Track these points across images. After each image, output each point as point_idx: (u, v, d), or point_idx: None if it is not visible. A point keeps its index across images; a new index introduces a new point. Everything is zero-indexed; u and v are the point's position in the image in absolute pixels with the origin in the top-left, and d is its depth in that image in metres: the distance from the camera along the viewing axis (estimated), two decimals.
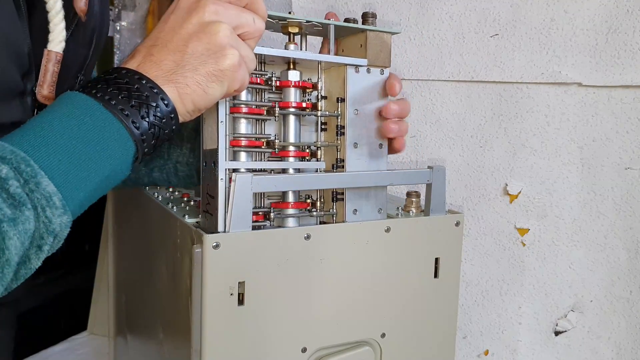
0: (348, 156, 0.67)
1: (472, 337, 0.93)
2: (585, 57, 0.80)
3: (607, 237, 0.82)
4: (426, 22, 0.93)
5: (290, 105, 0.66)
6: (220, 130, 0.61)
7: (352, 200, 0.67)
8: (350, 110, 0.67)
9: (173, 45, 0.52)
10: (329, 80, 0.69)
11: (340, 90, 0.68)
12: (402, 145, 0.70)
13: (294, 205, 0.65)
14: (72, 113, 0.47)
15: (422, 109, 0.96)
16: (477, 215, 0.91)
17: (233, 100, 0.63)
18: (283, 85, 0.66)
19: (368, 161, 0.68)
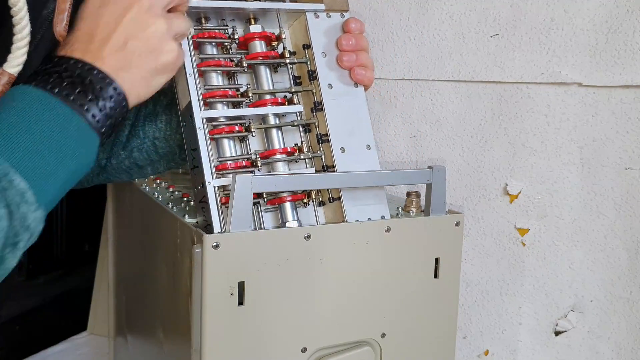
0: (325, 98, 0.67)
1: (472, 337, 0.93)
2: (586, 57, 0.80)
3: (607, 237, 0.82)
4: (426, 22, 0.93)
5: (258, 56, 0.67)
6: (190, 83, 0.63)
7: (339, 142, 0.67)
8: (318, 53, 0.68)
9: (113, 43, 0.53)
10: (294, 36, 0.71)
11: (305, 38, 0.69)
12: (363, 77, 0.69)
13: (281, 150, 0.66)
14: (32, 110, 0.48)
15: (422, 109, 0.96)
16: (477, 216, 0.91)
17: (199, 55, 0.65)
18: (247, 39, 0.67)
19: (346, 100, 0.69)
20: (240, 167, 0.64)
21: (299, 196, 0.66)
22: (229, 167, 0.64)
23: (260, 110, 0.66)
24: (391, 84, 0.98)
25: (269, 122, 0.67)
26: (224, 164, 0.64)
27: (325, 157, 0.68)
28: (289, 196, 0.65)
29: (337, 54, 0.69)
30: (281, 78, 0.70)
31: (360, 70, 0.69)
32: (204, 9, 0.66)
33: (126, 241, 0.93)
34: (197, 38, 0.65)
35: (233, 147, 0.65)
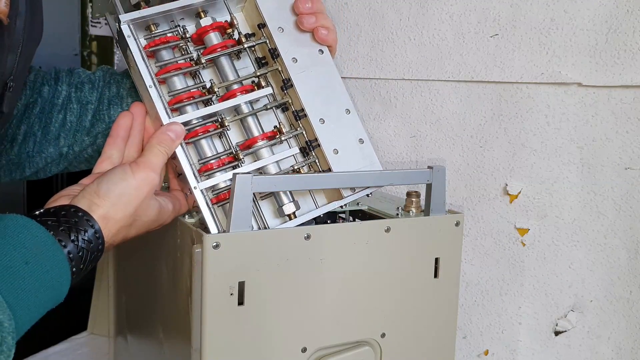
0: (292, 73, 0.66)
1: (472, 337, 0.93)
2: (585, 57, 0.80)
3: (607, 237, 0.82)
4: (426, 22, 0.93)
5: (216, 48, 0.65)
6: (152, 95, 0.62)
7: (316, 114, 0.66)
8: (274, 30, 0.67)
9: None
10: (248, 18, 0.69)
11: (259, 17, 0.67)
12: (327, 37, 0.69)
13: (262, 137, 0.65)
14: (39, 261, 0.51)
15: (422, 109, 0.96)
16: (477, 216, 0.91)
17: (156, 63, 0.65)
18: (200, 35, 0.66)
19: (314, 70, 0.67)
20: (224, 165, 0.64)
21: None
22: (213, 166, 0.64)
23: (230, 102, 0.65)
24: (391, 84, 0.98)
25: (243, 112, 0.66)
26: (206, 164, 0.64)
27: (306, 132, 0.67)
28: None
29: (293, 24, 0.68)
30: (245, 64, 0.69)
31: (322, 30, 0.69)
32: (151, 17, 0.65)
33: (126, 241, 0.93)
34: (150, 47, 0.64)
35: (213, 145, 0.65)
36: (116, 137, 0.66)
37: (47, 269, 0.50)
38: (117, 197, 0.57)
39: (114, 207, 0.57)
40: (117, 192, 0.57)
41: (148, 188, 0.59)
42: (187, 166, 0.62)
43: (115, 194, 0.57)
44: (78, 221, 0.54)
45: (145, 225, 0.61)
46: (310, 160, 0.68)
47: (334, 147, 0.67)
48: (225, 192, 0.64)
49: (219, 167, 0.64)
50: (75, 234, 0.53)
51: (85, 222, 0.55)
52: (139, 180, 0.59)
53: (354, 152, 0.68)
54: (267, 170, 0.66)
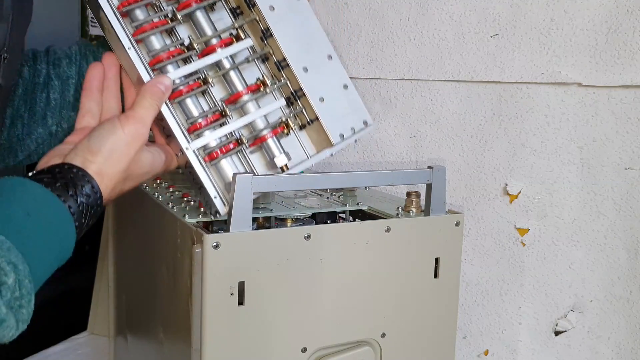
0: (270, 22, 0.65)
1: (472, 337, 0.93)
2: (585, 57, 0.80)
3: (607, 237, 0.82)
4: (426, 22, 0.93)
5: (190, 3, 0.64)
6: (132, 56, 0.61)
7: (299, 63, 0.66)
8: None
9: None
10: None
11: None
12: None
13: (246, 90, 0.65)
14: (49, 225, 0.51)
15: (422, 109, 0.96)
16: (477, 215, 0.91)
17: (133, 24, 0.63)
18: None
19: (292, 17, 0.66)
20: (212, 122, 0.63)
21: (278, 130, 0.66)
22: (201, 125, 0.63)
23: (211, 58, 0.64)
24: (391, 84, 0.98)
25: (224, 67, 0.65)
26: (194, 124, 0.63)
27: (290, 82, 0.67)
28: (269, 132, 0.65)
29: None
30: (220, 15, 0.67)
31: None
32: None
33: (126, 241, 0.93)
34: (123, 7, 0.62)
35: (198, 104, 0.64)
36: (90, 89, 0.65)
37: (49, 219, 0.50)
38: (109, 152, 0.57)
39: (107, 163, 0.57)
40: (108, 147, 0.57)
41: (138, 142, 0.59)
42: (176, 127, 0.62)
43: (107, 149, 0.57)
44: (74, 177, 0.54)
45: (138, 177, 0.61)
46: (297, 111, 0.67)
47: (320, 96, 0.67)
48: (217, 151, 0.63)
49: (208, 125, 0.64)
50: (73, 189, 0.53)
51: (81, 178, 0.54)
52: (129, 134, 0.58)
53: (339, 98, 0.68)
54: (256, 125, 0.66)
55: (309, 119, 0.67)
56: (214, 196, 0.62)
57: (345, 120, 0.68)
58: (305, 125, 0.68)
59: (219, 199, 0.63)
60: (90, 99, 0.65)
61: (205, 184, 0.62)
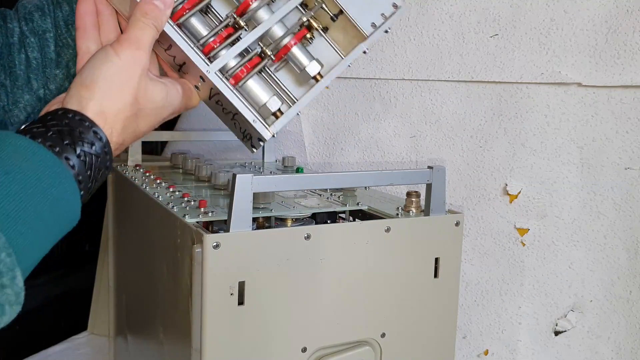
0: None
1: (472, 337, 0.93)
2: (585, 57, 0.80)
3: (607, 237, 0.82)
4: (426, 22, 0.93)
5: None
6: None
7: None
8: None
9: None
10: None
11: None
12: None
13: None
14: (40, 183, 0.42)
15: (422, 109, 0.96)
16: (477, 215, 0.91)
17: None
18: None
19: None
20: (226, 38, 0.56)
21: (301, 33, 0.58)
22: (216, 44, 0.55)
23: None
24: (391, 84, 0.98)
25: None
26: (207, 44, 0.55)
27: None
28: (291, 39, 0.58)
29: None
30: None
31: None
32: None
33: (126, 241, 0.93)
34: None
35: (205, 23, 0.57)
36: (84, 28, 0.57)
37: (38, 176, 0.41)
38: (107, 83, 0.49)
39: (107, 97, 0.49)
40: (104, 77, 0.49)
41: (138, 67, 0.51)
42: (190, 51, 0.53)
43: (104, 80, 0.49)
44: (70, 122, 0.46)
45: (154, 113, 0.53)
46: (317, 7, 0.59)
47: None
48: (242, 69, 0.56)
49: (222, 43, 0.56)
50: (70, 137, 0.45)
51: (79, 122, 0.46)
52: (125, 59, 0.50)
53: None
54: (274, 34, 0.58)
55: (332, 14, 0.59)
56: (252, 120, 0.54)
57: (372, 6, 0.60)
58: (327, 28, 0.60)
59: (259, 123, 0.54)
60: (85, 38, 0.58)
61: (240, 108, 0.54)
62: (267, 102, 0.56)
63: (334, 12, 0.59)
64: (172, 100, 0.55)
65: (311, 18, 0.59)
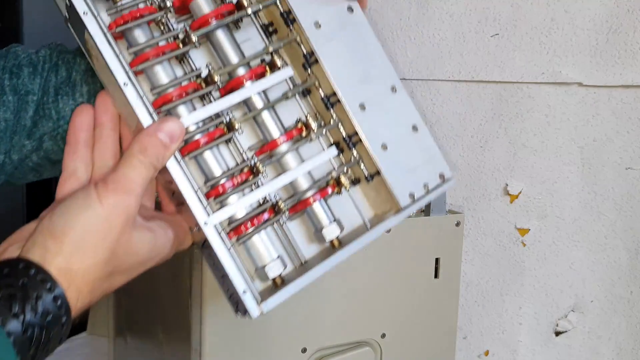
0: (315, 44, 0.49)
1: (472, 337, 0.93)
2: (586, 56, 0.80)
3: (608, 238, 0.81)
4: (426, 22, 0.93)
5: (208, 18, 0.47)
6: (129, 95, 0.44)
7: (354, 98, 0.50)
8: None
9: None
10: None
11: None
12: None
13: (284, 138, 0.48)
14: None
15: (422, 108, 0.95)
16: (478, 216, 0.91)
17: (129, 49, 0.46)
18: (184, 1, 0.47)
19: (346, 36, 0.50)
20: (241, 184, 0.47)
21: (326, 191, 0.50)
22: (225, 188, 0.46)
23: (239, 95, 0.47)
24: None
25: (255, 106, 0.48)
26: (215, 187, 0.46)
27: (343, 124, 0.50)
28: (315, 194, 0.49)
29: None
30: (247, 35, 0.50)
31: None
32: None
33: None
34: (117, 26, 0.45)
35: (221, 157, 0.48)
36: (75, 143, 0.47)
37: None
38: (80, 236, 0.40)
39: (78, 253, 0.40)
40: (80, 229, 0.40)
41: (122, 218, 0.41)
42: (191, 194, 0.45)
43: (77, 232, 0.40)
44: (27, 283, 0.37)
45: (134, 268, 0.45)
46: (352, 163, 0.51)
47: (382, 142, 0.50)
48: (246, 223, 0.47)
49: (234, 188, 0.47)
50: (21, 303, 0.36)
51: (38, 283, 0.38)
52: (108, 208, 0.41)
53: (408, 144, 0.52)
54: (297, 185, 0.49)
55: (367, 174, 0.51)
56: (242, 291, 0.45)
57: (415, 174, 0.51)
58: (359, 180, 0.52)
59: (249, 294, 0.45)
60: (74, 156, 0.47)
61: (231, 273, 0.45)
62: (268, 266, 0.47)
63: (371, 172, 0.51)
64: (159, 251, 0.46)
65: (343, 172, 0.50)
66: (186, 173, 0.45)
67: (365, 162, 0.51)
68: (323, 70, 0.49)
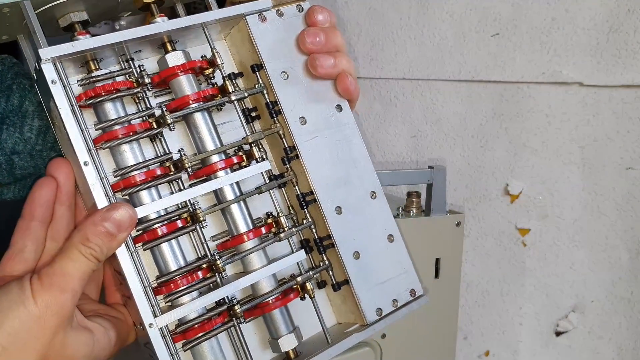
0: (298, 140, 0.47)
1: (473, 337, 0.93)
2: (587, 56, 0.80)
3: (609, 238, 0.81)
4: (426, 22, 0.92)
5: (188, 100, 0.44)
6: (88, 176, 0.40)
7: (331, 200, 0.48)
8: (274, 74, 0.47)
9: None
10: (236, 51, 0.49)
11: (250, 53, 0.48)
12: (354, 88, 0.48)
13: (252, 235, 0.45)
14: None
15: (422, 108, 0.95)
16: (478, 216, 0.91)
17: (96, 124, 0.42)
18: (166, 77, 0.45)
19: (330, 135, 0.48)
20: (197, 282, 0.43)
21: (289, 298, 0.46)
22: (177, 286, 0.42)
23: (209, 185, 0.44)
24: (391, 83, 0.98)
25: (226, 197, 0.45)
26: (168, 283, 0.42)
27: (316, 226, 0.48)
28: (277, 300, 0.46)
29: (303, 67, 0.48)
30: (228, 117, 0.48)
31: (346, 78, 0.47)
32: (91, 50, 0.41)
33: None
34: (87, 98, 0.42)
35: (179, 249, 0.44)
36: (30, 218, 0.41)
37: None
38: (9, 337, 0.35)
39: (5, 357, 0.36)
40: (11, 330, 0.35)
41: (56, 318, 0.37)
42: (139, 291, 0.40)
43: (7, 334, 0.35)
44: None
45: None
46: (321, 269, 0.48)
47: (355, 249, 0.48)
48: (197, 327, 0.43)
49: (188, 286, 0.43)
50: None
51: None
52: (42, 307, 0.36)
53: (381, 255, 0.49)
54: (259, 289, 0.46)
55: (335, 282, 0.48)
56: None
57: (385, 288, 0.49)
58: (325, 283, 0.49)
59: None
60: (25, 233, 0.41)
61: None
62: None
63: (339, 280, 0.48)
64: (98, 353, 0.41)
65: (310, 278, 0.47)
66: (137, 265, 0.41)
67: (334, 269, 0.49)
68: (303, 167, 0.47)
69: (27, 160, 0.49)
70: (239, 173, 0.45)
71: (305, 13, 0.48)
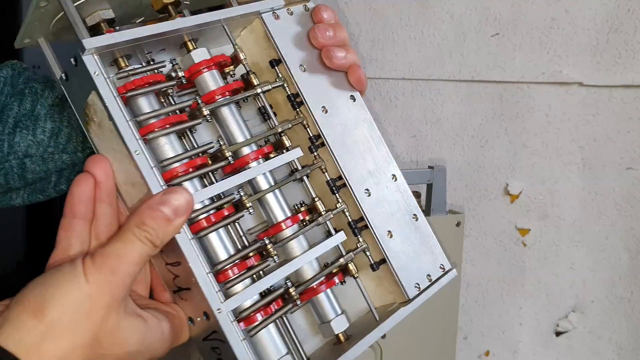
0: (324, 128, 0.49)
1: (473, 337, 0.93)
2: (587, 56, 0.80)
3: (608, 238, 0.81)
4: (427, 22, 0.92)
5: (216, 94, 0.46)
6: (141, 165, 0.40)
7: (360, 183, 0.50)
8: (294, 67, 0.49)
9: None
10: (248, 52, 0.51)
11: (265, 50, 0.50)
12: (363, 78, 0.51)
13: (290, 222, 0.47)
14: None
15: (422, 108, 0.95)
16: (478, 216, 0.91)
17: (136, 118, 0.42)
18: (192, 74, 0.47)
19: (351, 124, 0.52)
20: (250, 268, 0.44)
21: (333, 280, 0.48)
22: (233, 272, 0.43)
23: (246, 174, 0.46)
24: (392, 83, 0.98)
25: (260, 186, 0.47)
26: (224, 272, 0.43)
27: (349, 209, 0.50)
28: (322, 284, 0.47)
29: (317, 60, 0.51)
30: (246, 115, 0.50)
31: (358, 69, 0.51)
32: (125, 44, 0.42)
33: None
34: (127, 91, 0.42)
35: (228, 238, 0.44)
36: (71, 216, 0.41)
37: None
38: (60, 312, 0.35)
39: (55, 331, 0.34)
40: (61, 305, 0.35)
41: (107, 299, 0.36)
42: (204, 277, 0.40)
43: (57, 308, 0.35)
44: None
45: None
46: (359, 250, 0.49)
47: (387, 229, 0.50)
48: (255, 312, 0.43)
49: (241, 273, 0.43)
50: None
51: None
52: (94, 286, 0.36)
53: (410, 233, 0.51)
54: (303, 274, 0.48)
55: (373, 262, 0.49)
56: None
57: (418, 264, 0.51)
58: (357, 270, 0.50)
59: None
60: (70, 232, 0.41)
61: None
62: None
63: (376, 260, 0.49)
64: (151, 343, 0.40)
65: (349, 260, 0.49)
66: (199, 254, 0.40)
67: (371, 249, 0.50)
68: (330, 153, 0.49)
69: (38, 163, 0.49)
70: (274, 160, 0.47)
71: (312, 11, 0.52)
